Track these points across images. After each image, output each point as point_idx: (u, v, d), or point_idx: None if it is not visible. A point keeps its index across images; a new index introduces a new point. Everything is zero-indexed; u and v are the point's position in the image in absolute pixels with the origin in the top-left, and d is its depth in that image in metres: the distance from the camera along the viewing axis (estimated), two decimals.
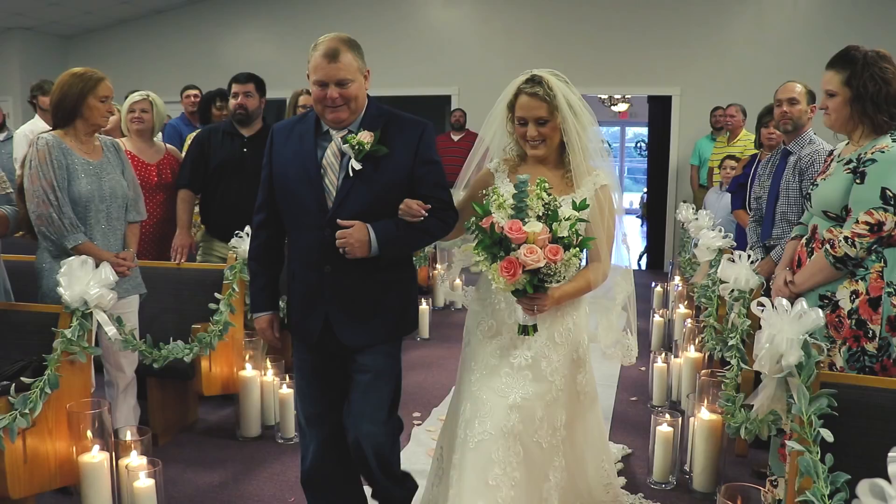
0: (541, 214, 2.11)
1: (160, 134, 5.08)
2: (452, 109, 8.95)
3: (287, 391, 3.64)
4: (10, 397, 2.55)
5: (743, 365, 3.00)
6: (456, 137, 8.56)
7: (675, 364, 4.24)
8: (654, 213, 9.44)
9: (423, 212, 2.31)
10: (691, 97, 8.76)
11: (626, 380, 4.86)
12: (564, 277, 2.22)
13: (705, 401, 3.18)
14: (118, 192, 3.26)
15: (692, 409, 3.27)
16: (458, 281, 5.40)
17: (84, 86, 3.13)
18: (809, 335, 2.09)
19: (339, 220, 2.31)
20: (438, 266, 7.04)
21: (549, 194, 2.14)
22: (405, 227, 2.33)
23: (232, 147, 4.18)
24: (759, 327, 2.17)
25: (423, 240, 2.47)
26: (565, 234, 2.10)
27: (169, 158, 4.29)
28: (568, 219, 2.11)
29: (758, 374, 2.25)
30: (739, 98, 7.25)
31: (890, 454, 1.38)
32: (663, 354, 4.31)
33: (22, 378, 2.64)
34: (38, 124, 5.93)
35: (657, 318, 5.38)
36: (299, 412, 2.64)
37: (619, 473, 3.38)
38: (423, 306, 5.71)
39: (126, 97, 4.22)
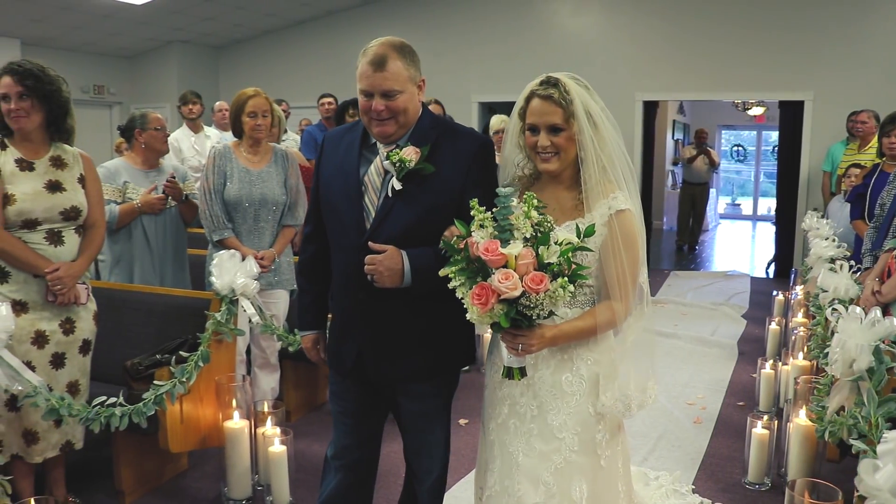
0: (529, 236, 1.81)
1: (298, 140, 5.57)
2: None
3: None
4: (171, 368, 3.01)
5: None
6: None
7: (784, 371, 4.28)
8: (783, 220, 9.22)
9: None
10: (825, 102, 8.49)
11: (736, 385, 4.92)
12: (551, 313, 1.84)
13: (803, 406, 3.26)
14: (269, 198, 3.70)
15: (789, 413, 3.35)
16: None
17: (237, 104, 3.66)
18: (894, 342, 2.19)
19: (371, 244, 2.08)
20: None
21: (541, 213, 1.84)
22: (446, 257, 1.99)
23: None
24: None
25: None
26: (553, 260, 1.79)
27: None
28: (560, 243, 1.82)
29: None
30: (878, 103, 6.99)
31: (883, 436, 1.52)
32: (771, 361, 4.35)
33: (180, 352, 3.10)
34: (184, 132, 6.57)
35: (773, 327, 5.36)
36: (331, 443, 2.45)
37: (712, 476, 3.50)
38: None
39: None
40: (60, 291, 2.75)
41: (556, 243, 1.81)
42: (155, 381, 2.97)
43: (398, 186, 2.08)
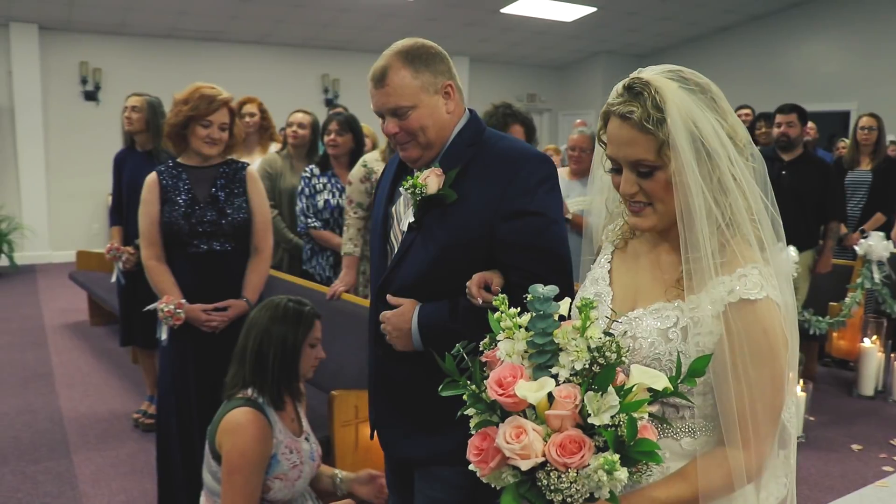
0: (580, 368, 1.09)
1: None
2: None
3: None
4: None
5: None
6: None
7: None
8: None
9: (493, 295, 1.44)
10: None
11: None
12: (592, 498, 1.08)
13: None
14: None
15: None
16: None
17: None
18: None
19: (388, 297, 1.68)
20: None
21: (610, 332, 1.20)
22: (468, 315, 1.52)
23: (772, 170, 4.57)
24: None
25: None
26: (606, 420, 1.06)
27: None
28: (626, 392, 1.09)
29: None
30: None
31: None
32: None
33: None
34: None
35: None
36: None
37: None
38: None
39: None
40: None
41: (619, 391, 1.10)
42: None
43: (410, 219, 1.69)
